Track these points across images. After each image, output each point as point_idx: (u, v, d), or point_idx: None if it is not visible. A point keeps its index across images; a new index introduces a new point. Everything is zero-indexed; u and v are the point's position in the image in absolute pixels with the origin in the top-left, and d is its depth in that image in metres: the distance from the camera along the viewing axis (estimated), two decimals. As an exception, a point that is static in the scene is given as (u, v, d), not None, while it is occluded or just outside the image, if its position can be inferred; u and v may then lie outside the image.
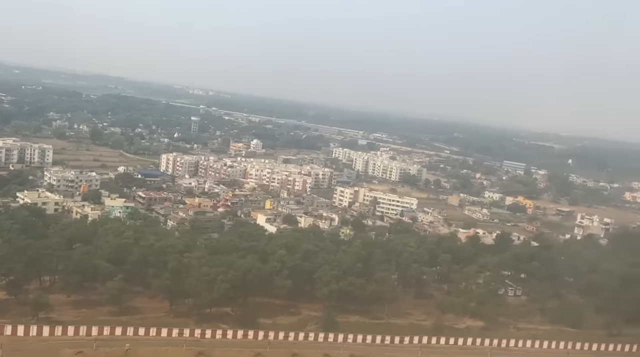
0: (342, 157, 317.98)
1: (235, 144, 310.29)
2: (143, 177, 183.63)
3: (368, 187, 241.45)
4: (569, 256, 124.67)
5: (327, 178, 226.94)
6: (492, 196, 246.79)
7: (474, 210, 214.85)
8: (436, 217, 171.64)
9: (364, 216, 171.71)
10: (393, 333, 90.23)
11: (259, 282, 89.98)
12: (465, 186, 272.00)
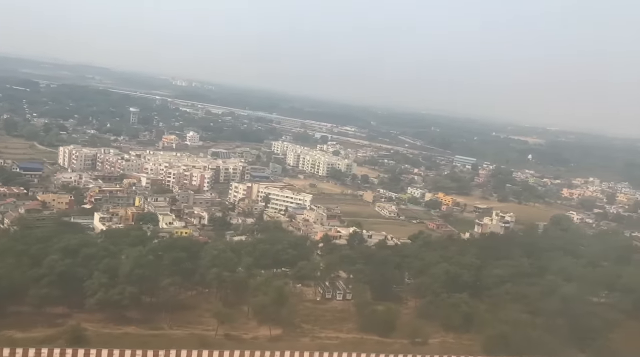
0: (280, 151, 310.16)
1: (168, 136, 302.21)
2: (21, 171, 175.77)
3: (285, 182, 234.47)
4: (410, 257, 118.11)
5: (239, 172, 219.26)
6: (414, 192, 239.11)
7: (383, 206, 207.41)
8: (320, 215, 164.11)
9: (248, 213, 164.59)
10: (163, 346, 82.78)
11: (10, 291, 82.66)
12: (394, 181, 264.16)
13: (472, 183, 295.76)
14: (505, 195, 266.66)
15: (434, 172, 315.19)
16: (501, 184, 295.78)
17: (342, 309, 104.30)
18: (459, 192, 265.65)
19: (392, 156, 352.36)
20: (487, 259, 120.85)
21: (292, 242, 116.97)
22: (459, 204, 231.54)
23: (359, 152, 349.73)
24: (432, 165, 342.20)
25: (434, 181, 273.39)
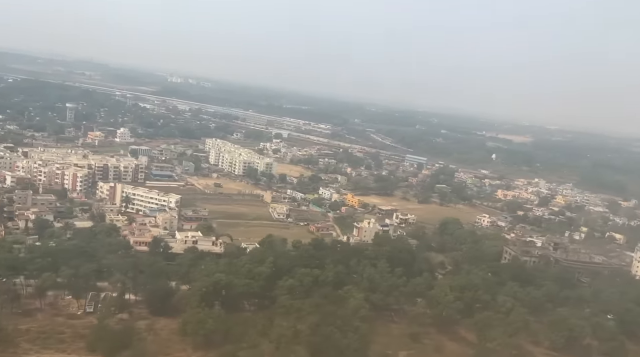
0: (211, 149, 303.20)
1: (93, 133, 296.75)
2: None
3: (187, 182, 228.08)
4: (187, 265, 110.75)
5: (131, 171, 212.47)
6: (325, 193, 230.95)
7: (275, 208, 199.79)
8: (171, 218, 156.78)
9: (93, 215, 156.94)
10: None
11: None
12: (314, 181, 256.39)
13: (403, 183, 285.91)
14: (429, 196, 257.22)
15: (370, 171, 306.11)
16: (434, 185, 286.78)
17: (91, 325, 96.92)
18: (380, 193, 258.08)
19: (334, 155, 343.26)
20: (293, 268, 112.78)
21: (65, 248, 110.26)
22: (366, 205, 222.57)
23: (302, 150, 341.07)
24: (375, 165, 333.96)
25: (356, 181, 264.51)
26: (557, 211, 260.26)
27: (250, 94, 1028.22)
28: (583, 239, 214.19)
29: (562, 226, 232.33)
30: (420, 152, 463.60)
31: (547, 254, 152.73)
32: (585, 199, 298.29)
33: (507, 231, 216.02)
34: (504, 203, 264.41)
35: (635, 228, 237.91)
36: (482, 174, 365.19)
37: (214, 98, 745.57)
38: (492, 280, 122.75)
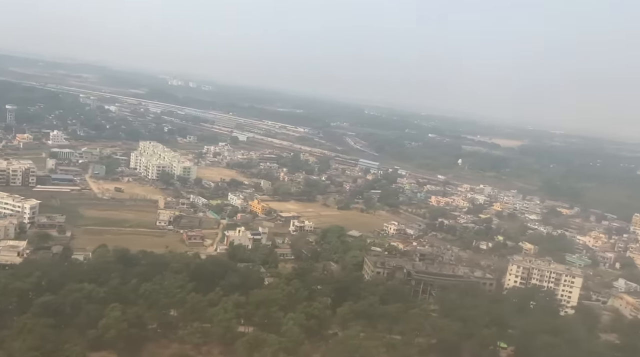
0: (142, 152, 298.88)
1: (22, 135, 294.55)
2: None
3: (83, 186, 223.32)
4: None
5: (21, 175, 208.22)
6: (233, 199, 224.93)
7: (161, 213, 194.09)
8: (10, 224, 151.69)
9: None
10: None
11: None
12: (232, 186, 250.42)
13: (334, 189, 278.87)
14: (351, 202, 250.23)
15: (307, 176, 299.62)
16: (368, 190, 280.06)
17: None
18: (302, 199, 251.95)
19: (279, 159, 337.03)
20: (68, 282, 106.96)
21: None
22: (270, 212, 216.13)
23: (245, 154, 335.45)
24: (319, 170, 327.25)
25: (279, 187, 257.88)
26: (484, 218, 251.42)
27: (244, 97, 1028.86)
28: (490, 248, 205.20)
29: (478, 234, 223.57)
30: (386, 156, 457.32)
31: (402, 266, 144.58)
32: (525, 207, 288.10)
33: (412, 240, 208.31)
34: (430, 210, 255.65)
35: (554, 237, 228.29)
36: (435, 180, 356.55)
37: (201, 101, 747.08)
38: (301, 295, 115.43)
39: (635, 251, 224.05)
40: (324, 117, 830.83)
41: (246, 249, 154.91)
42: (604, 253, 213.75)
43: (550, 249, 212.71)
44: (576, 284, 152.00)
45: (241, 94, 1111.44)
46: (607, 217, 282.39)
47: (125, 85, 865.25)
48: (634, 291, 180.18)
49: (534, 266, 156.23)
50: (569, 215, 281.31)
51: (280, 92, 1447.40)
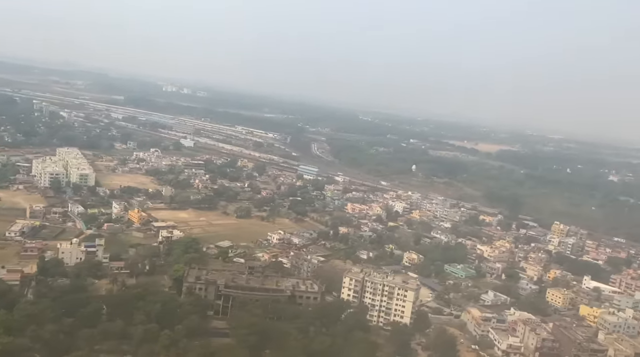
0: (58, 158, 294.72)
1: None
2: None
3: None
4: None
5: None
6: (116, 207, 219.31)
7: (19, 222, 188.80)
8: None
9: None
10: None
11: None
12: (127, 193, 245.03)
13: (246, 196, 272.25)
14: (250, 210, 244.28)
15: (231, 182, 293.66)
16: (287, 197, 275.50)
17: None
18: (202, 208, 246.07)
19: (207, 165, 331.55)
20: None
21: None
22: (149, 221, 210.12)
23: (173, 160, 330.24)
24: (248, 176, 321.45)
25: (176, 195, 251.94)
26: (391, 226, 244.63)
27: (233, 103, 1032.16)
28: (369, 258, 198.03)
29: (371, 243, 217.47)
30: (339, 162, 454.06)
31: (214, 281, 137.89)
32: (445, 215, 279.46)
33: (294, 249, 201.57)
34: (337, 218, 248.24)
35: (450, 247, 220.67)
36: (373, 186, 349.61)
37: (181, 107, 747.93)
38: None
39: (533, 261, 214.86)
40: (309, 123, 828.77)
41: (61, 263, 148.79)
42: (495, 264, 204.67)
43: (437, 258, 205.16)
44: (409, 298, 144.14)
45: (232, 100, 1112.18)
46: (528, 225, 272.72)
47: (111, 92, 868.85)
48: (499, 303, 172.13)
49: (368, 279, 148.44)
50: (487, 223, 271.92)
51: (276, 97, 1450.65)
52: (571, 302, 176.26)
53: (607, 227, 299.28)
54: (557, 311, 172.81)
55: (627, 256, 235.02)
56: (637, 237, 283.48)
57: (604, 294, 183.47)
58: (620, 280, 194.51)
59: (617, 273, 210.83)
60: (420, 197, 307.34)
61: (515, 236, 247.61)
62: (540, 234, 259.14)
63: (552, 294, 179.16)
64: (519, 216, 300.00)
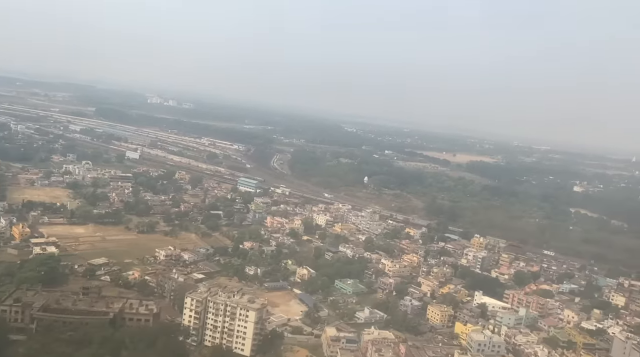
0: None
1: None
2: None
3: None
4: None
5: None
6: (2, 222, 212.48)
7: None
8: None
9: None
10: None
11: None
12: (30, 208, 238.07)
13: (159, 210, 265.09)
14: (155, 224, 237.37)
15: (151, 196, 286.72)
16: (206, 211, 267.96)
17: None
18: (106, 223, 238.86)
19: (136, 178, 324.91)
20: None
21: None
22: (31, 237, 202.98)
23: (101, 172, 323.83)
24: (177, 189, 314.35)
25: (76, 209, 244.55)
26: (304, 240, 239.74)
27: (213, 114, 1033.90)
28: (256, 274, 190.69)
29: (272, 257, 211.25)
30: (291, 175, 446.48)
31: (31, 303, 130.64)
32: (367, 228, 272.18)
33: (183, 266, 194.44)
34: (247, 232, 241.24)
35: (350, 261, 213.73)
36: (312, 198, 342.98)
37: (151, 118, 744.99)
38: None
39: (434, 276, 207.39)
40: (287, 134, 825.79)
41: None
42: (389, 279, 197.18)
43: (332, 274, 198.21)
44: (250, 318, 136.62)
45: (215, 112, 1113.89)
46: (449, 238, 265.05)
47: (87, 104, 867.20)
48: (373, 321, 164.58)
49: (211, 299, 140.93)
50: (411, 236, 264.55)
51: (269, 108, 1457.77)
52: (451, 319, 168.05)
53: (541, 239, 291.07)
54: (433, 329, 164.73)
55: (539, 269, 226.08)
56: (568, 251, 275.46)
57: (491, 310, 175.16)
58: (513, 295, 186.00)
59: (519, 288, 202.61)
60: (349, 210, 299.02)
61: (427, 250, 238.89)
62: (460, 247, 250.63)
63: (432, 311, 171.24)
64: (449, 228, 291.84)
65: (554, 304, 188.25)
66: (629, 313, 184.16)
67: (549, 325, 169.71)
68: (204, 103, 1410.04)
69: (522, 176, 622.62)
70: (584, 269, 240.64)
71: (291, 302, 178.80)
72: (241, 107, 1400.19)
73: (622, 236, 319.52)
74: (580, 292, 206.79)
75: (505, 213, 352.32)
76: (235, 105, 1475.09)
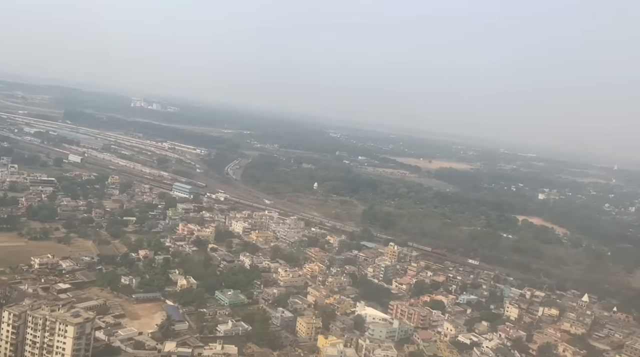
0: None
1: None
2: None
3: None
4: None
5: None
6: None
7: None
8: None
9: None
10: None
11: None
12: None
13: (65, 216, 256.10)
14: (50, 231, 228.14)
15: (67, 201, 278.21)
16: (119, 216, 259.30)
17: None
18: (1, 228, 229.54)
19: (61, 181, 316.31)
20: None
21: None
22: None
23: (21, 177, 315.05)
24: (100, 195, 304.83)
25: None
26: (211, 248, 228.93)
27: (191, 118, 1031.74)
28: (131, 285, 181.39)
29: (162, 266, 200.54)
30: (245, 180, 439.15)
31: None
32: (284, 235, 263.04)
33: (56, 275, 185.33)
34: (146, 239, 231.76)
35: (245, 271, 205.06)
36: (245, 205, 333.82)
37: (120, 122, 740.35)
38: None
39: (327, 285, 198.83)
40: (262, 139, 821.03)
41: None
42: (273, 290, 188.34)
43: (217, 283, 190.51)
44: (69, 333, 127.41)
45: (196, 116, 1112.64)
46: (365, 247, 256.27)
47: (61, 107, 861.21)
48: (234, 334, 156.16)
49: (30, 313, 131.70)
50: (330, 243, 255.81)
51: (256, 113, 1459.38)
52: (318, 332, 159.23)
53: (470, 248, 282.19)
54: (296, 342, 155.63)
55: (444, 280, 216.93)
56: (493, 260, 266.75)
57: (369, 322, 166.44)
58: (397, 307, 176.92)
59: (414, 298, 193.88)
60: (278, 217, 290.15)
61: (331, 258, 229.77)
62: (373, 256, 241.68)
63: (300, 323, 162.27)
64: (375, 235, 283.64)
65: (441, 316, 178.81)
66: (514, 326, 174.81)
67: (422, 338, 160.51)
68: (191, 107, 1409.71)
69: (491, 183, 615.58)
70: (498, 279, 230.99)
71: (156, 315, 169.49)
72: (231, 112, 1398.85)
73: (557, 245, 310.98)
74: (477, 303, 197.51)
75: (445, 221, 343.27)
76: (227, 110, 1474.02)
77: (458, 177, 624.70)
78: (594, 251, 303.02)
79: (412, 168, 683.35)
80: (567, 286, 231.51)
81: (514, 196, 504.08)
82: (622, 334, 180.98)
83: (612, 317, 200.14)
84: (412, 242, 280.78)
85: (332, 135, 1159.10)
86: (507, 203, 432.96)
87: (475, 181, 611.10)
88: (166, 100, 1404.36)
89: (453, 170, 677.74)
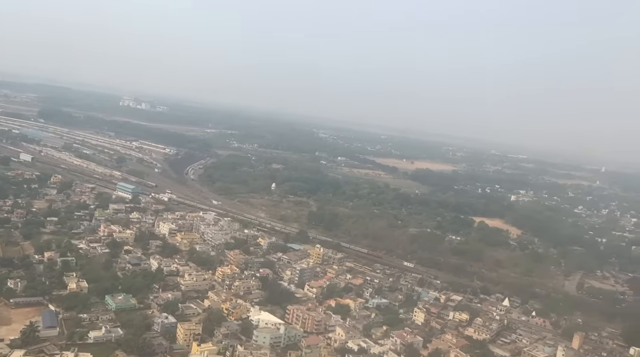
0: None
1: None
2: None
3: None
4: None
5: None
6: None
7: None
8: None
9: None
10: None
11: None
12: None
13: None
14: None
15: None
16: (44, 217, 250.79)
17: None
18: None
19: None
20: None
21: None
22: None
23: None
24: (34, 194, 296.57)
25: None
26: (125, 250, 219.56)
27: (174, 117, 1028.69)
28: (16, 289, 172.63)
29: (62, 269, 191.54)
30: (202, 180, 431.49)
31: None
32: (211, 238, 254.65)
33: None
34: (51, 241, 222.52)
35: (148, 274, 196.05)
36: (175, 205, 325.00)
37: (97, 120, 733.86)
38: None
39: (234, 289, 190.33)
40: (243, 139, 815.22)
41: None
42: (169, 294, 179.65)
43: (109, 287, 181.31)
44: None
45: (180, 115, 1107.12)
46: (291, 249, 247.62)
47: (40, 106, 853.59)
48: (105, 341, 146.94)
49: None
50: (257, 245, 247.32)
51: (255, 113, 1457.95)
52: (197, 339, 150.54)
53: (409, 250, 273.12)
54: (170, 349, 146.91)
55: (362, 282, 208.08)
56: (428, 262, 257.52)
57: (260, 327, 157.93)
58: (293, 311, 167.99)
59: (321, 302, 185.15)
60: (203, 218, 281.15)
61: (246, 261, 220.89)
62: (298, 258, 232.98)
63: (179, 329, 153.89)
64: (312, 238, 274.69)
65: (340, 320, 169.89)
66: (412, 331, 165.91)
67: (308, 344, 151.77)
68: (182, 106, 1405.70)
69: (466, 185, 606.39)
70: (422, 282, 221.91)
71: (33, 320, 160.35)
72: (223, 112, 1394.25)
73: (503, 248, 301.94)
74: (387, 308, 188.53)
75: (394, 222, 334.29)
76: (221, 110, 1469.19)
77: (434, 178, 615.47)
78: (539, 253, 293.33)
79: (389, 169, 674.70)
80: (494, 290, 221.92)
81: (483, 197, 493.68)
82: (530, 340, 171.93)
83: (529, 322, 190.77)
84: (351, 244, 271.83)
85: (321, 136, 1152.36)
86: (470, 205, 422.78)
87: (450, 182, 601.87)
88: (159, 100, 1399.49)
89: (429, 171, 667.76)
